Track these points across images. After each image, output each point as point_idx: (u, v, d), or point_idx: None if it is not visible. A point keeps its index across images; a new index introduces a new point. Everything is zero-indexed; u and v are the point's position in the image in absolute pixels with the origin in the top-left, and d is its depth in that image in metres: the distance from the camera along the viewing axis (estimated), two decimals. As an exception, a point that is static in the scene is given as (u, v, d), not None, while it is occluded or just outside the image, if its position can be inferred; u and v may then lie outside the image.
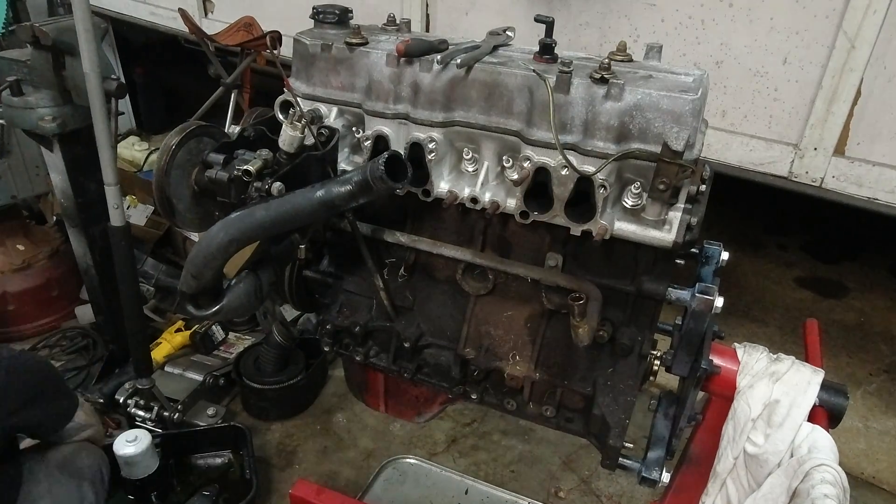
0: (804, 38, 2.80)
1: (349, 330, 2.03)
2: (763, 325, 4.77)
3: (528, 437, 3.78)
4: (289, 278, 2.03)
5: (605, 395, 1.81)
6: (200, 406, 3.67)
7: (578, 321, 1.66)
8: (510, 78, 1.60)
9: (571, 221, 1.62)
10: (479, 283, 1.89)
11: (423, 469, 3.41)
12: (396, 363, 2.04)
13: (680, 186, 1.54)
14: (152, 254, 4.61)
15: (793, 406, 1.62)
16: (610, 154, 1.53)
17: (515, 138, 1.63)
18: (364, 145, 1.78)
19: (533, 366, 1.88)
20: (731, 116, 3.10)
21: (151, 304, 4.43)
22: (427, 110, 1.69)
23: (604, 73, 1.52)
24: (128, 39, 6.43)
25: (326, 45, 1.78)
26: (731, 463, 1.71)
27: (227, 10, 4.76)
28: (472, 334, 1.93)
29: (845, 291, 5.26)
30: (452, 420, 3.88)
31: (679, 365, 1.76)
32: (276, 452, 3.64)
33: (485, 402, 2.00)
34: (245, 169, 1.61)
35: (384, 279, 1.96)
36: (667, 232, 1.58)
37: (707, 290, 1.64)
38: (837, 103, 2.79)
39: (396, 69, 1.70)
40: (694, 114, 1.48)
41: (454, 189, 1.72)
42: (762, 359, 1.73)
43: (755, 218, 6.19)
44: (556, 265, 1.77)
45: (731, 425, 1.70)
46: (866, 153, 2.82)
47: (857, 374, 4.35)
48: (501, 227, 1.80)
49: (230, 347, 4.22)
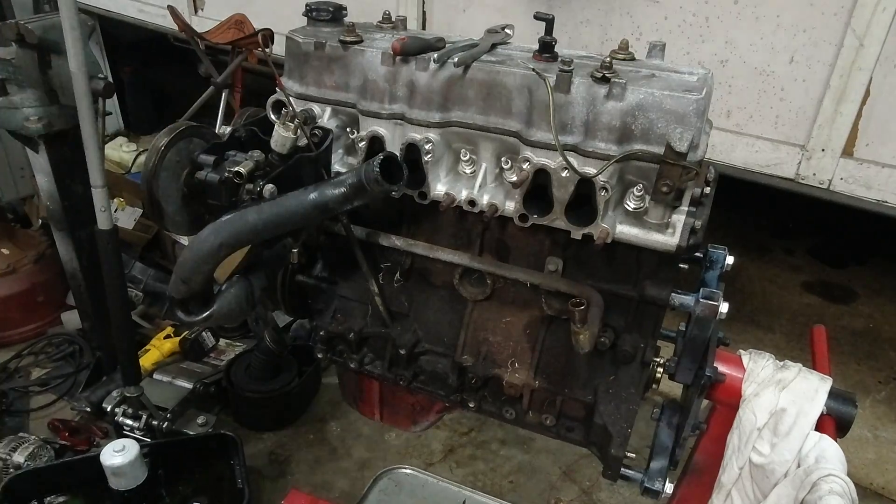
0: (811, 36, 2.81)
1: (343, 336, 2.02)
2: (769, 332, 4.77)
3: (527, 447, 3.78)
4: (281, 283, 2.03)
5: (607, 404, 1.80)
6: (190, 414, 3.67)
7: (579, 327, 1.65)
8: (509, 77, 1.60)
9: (572, 225, 1.62)
10: (476, 288, 1.89)
11: (420, 479, 3.39)
12: (392, 371, 2.03)
13: (684, 189, 1.54)
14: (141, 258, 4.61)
15: (800, 415, 1.62)
16: (612, 155, 1.52)
17: (514, 139, 1.63)
18: (359, 146, 1.78)
19: (532, 373, 1.88)
20: (736, 117, 3.10)
21: (140, 309, 4.42)
22: (423, 110, 1.69)
23: (605, 71, 1.52)
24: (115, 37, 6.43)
25: (320, 43, 1.78)
26: (736, 473, 1.71)
27: (218, 7, 4.77)
28: (469, 341, 1.93)
29: (854, 297, 5.27)
30: (449, 429, 3.88)
31: (682, 372, 1.76)
32: (268, 462, 3.64)
33: (483, 410, 1.99)
34: (236, 171, 1.61)
35: (379, 284, 1.96)
36: (670, 235, 1.58)
37: (711, 295, 1.64)
38: (846, 103, 2.79)
39: (392, 68, 1.70)
40: (698, 114, 1.48)
41: (451, 191, 1.72)
42: (768, 366, 1.72)
43: (761, 221, 6.20)
44: (556, 270, 1.77)
45: (737, 434, 1.70)
46: (875, 154, 2.83)
47: (865, 381, 4.35)
48: (500, 230, 1.80)
49: (221, 354, 4.21)
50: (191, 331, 4.08)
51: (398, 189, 1.63)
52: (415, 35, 1.78)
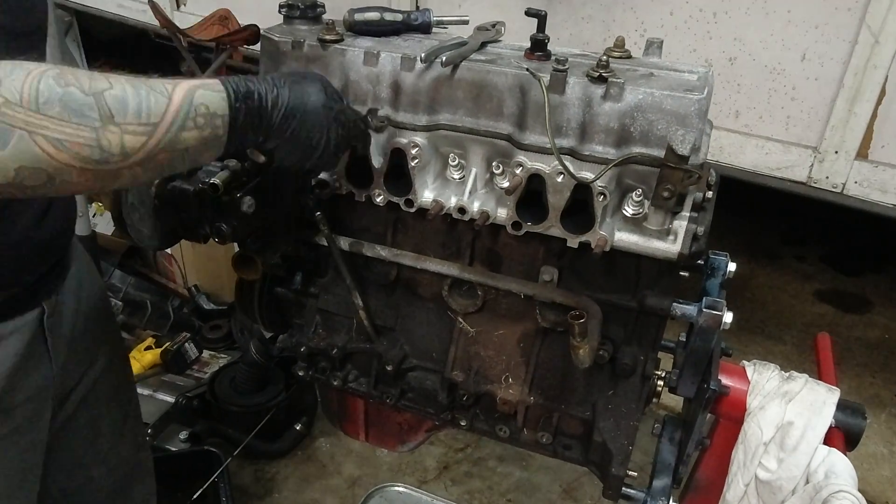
0: (824, 33, 2.80)
1: (326, 353, 2.00)
2: (779, 343, 4.76)
3: (525, 464, 3.77)
4: (258, 297, 2.01)
5: (606, 420, 1.79)
6: (172, 430, 3.65)
7: (579, 341, 1.63)
8: (500, 77, 1.59)
9: (568, 232, 1.60)
10: (467, 299, 1.87)
11: (413, 498, 3.38)
12: (378, 388, 2.01)
13: (685, 193, 1.52)
14: (120, 265, 4.60)
15: (807, 428, 1.61)
16: (609, 159, 1.51)
17: (506, 143, 1.61)
18: (341, 151, 1.76)
19: (527, 389, 1.86)
20: (745, 117, 3.09)
21: (119, 319, 4.40)
22: (409, 113, 1.67)
23: (602, 71, 1.50)
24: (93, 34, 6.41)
25: (297, 42, 1.75)
26: (741, 490, 1.69)
27: (201, 3, 4.75)
28: (460, 356, 1.91)
29: (868, 306, 5.26)
30: (444, 445, 3.87)
31: (685, 386, 1.74)
32: (253, 480, 3.62)
33: (475, 429, 1.97)
34: (211, 182, 1.56)
35: (364, 297, 1.94)
36: (671, 242, 1.57)
37: (715, 304, 1.62)
38: (860, 103, 2.78)
39: (375, 68, 1.68)
40: (700, 114, 1.47)
41: (440, 198, 1.70)
42: (774, 377, 1.71)
43: (771, 227, 6.19)
44: (551, 280, 1.75)
45: (742, 450, 1.68)
46: (892, 157, 2.81)
47: (881, 395, 4.34)
48: (491, 239, 1.78)
49: (204, 366, 4.20)
50: (173, 342, 4.06)
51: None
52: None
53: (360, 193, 1.76)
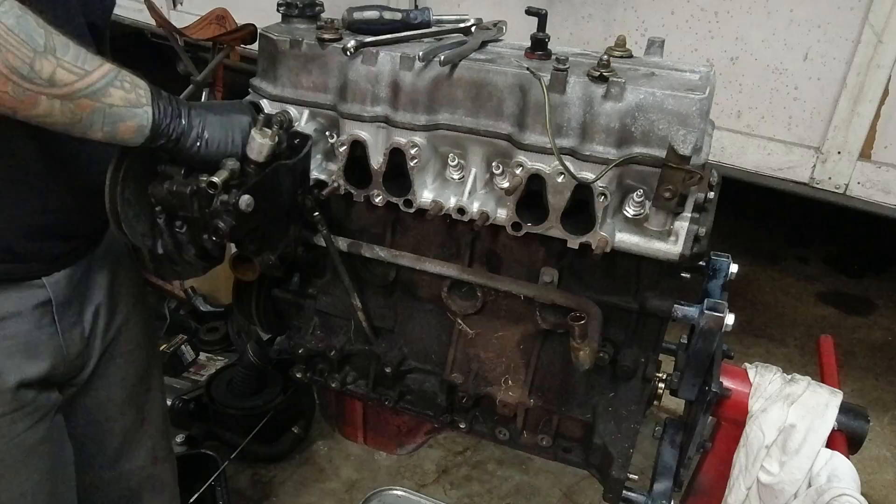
0: (827, 32, 2.80)
1: (324, 354, 2.00)
2: (781, 345, 4.76)
3: (525, 467, 3.77)
4: (256, 298, 2.01)
5: (607, 423, 1.79)
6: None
7: (579, 343, 1.63)
8: (500, 76, 1.59)
9: (568, 233, 1.60)
10: (466, 301, 1.87)
11: (412, 501, 3.37)
12: (376, 390, 2.02)
13: (687, 194, 1.52)
14: (117, 266, 4.58)
15: (810, 431, 1.61)
16: (610, 159, 1.51)
17: (506, 143, 1.61)
18: (339, 151, 1.74)
19: (527, 391, 1.86)
20: (747, 117, 3.09)
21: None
22: (408, 112, 1.67)
23: (602, 70, 1.51)
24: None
25: (296, 41, 1.75)
26: (743, 494, 1.70)
27: (198, 2, 4.76)
28: (459, 357, 1.91)
29: (872, 308, 5.26)
30: (443, 448, 3.86)
31: (686, 388, 1.75)
32: (250, 483, 3.62)
33: (474, 431, 1.97)
34: (210, 181, 1.55)
35: (362, 298, 1.94)
36: (672, 244, 1.56)
37: (717, 306, 1.62)
38: (863, 103, 2.78)
39: (374, 67, 1.68)
40: (701, 114, 1.47)
41: (439, 199, 1.69)
42: (776, 380, 1.72)
43: (774, 228, 6.19)
44: (551, 281, 1.75)
45: (744, 453, 1.69)
46: (895, 157, 2.82)
47: (884, 398, 4.34)
48: (491, 239, 1.78)
49: (201, 369, 4.19)
50: (169, 344, 4.06)
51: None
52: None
53: (358, 194, 1.76)
